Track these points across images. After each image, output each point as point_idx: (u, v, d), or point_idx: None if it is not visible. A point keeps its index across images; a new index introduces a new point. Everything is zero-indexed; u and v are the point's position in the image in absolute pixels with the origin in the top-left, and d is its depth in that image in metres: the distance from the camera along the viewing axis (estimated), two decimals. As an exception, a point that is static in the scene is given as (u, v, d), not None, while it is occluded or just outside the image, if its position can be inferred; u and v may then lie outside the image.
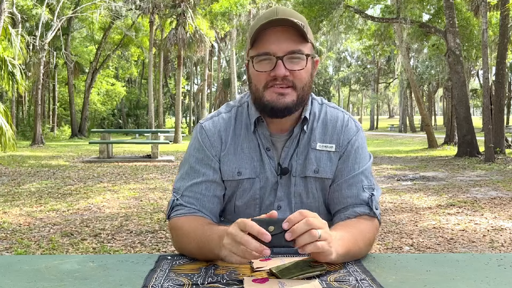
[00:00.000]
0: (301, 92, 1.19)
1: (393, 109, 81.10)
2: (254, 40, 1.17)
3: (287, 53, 1.15)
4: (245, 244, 0.91)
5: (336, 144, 1.26)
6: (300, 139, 1.26)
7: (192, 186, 1.23)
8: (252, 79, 1.21)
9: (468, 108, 13.59)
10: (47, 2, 21.32)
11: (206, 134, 1.27)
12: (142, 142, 17.11)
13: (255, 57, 1.17)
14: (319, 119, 1.28)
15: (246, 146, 1.25)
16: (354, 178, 1.24)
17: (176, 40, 22.78)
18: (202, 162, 1.25)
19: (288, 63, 1.15)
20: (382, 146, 21.39)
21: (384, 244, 4.33)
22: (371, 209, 1.22)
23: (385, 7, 17.42)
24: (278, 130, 1.26)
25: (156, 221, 5.33)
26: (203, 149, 1.26)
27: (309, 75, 1.20)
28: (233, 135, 1.27)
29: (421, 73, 30.96)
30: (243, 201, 1.26)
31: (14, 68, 11.75)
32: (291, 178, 1.25)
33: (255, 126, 1.25)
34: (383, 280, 0.94)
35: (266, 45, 1.15)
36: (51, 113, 32.38)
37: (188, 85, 44.44)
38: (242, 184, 1.25)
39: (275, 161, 1.25)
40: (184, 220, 1.19)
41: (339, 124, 1.28)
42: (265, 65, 1.16)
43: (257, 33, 1.15)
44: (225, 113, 1.31)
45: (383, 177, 9.39)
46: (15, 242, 4.39)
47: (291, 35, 1.15)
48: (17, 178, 9.31)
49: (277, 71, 1.14)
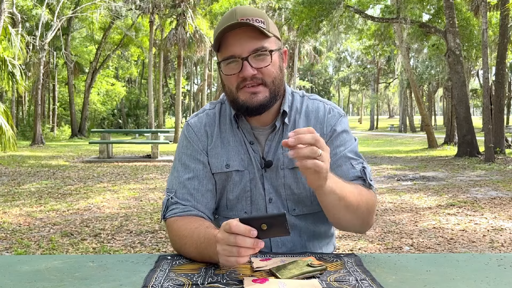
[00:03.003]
0: (272, 87, 1.20)
1: (393, 109, 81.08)
2: (219, 45, 1.19)
3: (251, 53, 1.16)
4: (240, 244, 0.92)
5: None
6: (284, 132, 1.27)
7: (184, 182, 1.25)
8: (224, 82, 1.23)
9: (468, 108, 13.59)
10: (47, 2, 21.31)
11: (192, 130, 1.30)
12: (142, 142, 17.11)
13: (222, 61, 1.19)
14: (301, 111, 1.30)
15: (232, 140, 1.28)
16: (341, 158, 1.25)
17: (176, 40, 22.78)
18: (191, 157, 1.27)
19: (254, 62, 1.16)
20: (382, 146, 21.39)
21: (384, 244, 4.33)
22: (365, 181, 1.22)
23: (385, 7, 17.41)
24: (259, 124, 1.27)
25: (156, 221, 5.33)
26: (191, 144, 1.28)
27: (278, 68, 1.21)
28: (218, 129, 1.29)
29: (421, 73, 30.93)
30: (234, 195, 1.27)
31: (14, 68, 11.75)
32: (279, 171, 1.26)
33: (236, 121, 1.27)
34: (383, 280, 0.94)
35: (229, 48, 1.17)
36: (51, 113, 32.38)
37: (188, 85, 44.46)
38: (231, 176, 1.26)
39: (259, 154, 1.27)
40: (180, 222, 1.19)
41: (321, 114, 1.29)
42: (232, 68, 1.18)
43: (219, 38, 1.17)
44: (209, 110, 1.34)
45: (383, 177, 9.39)
46: (15, 242, 4.39)
47: (252, 33, 1.16)
48: (17, 178, 9.31)
49: (245, 72, 1.16)
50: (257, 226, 0.92)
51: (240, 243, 0.92)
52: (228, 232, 0.93)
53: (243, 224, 0.92)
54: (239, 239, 0.92)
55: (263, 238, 0.94)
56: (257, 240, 0.92)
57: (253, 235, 0.91)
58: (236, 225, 0.92)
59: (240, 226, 0.92)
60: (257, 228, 0.92)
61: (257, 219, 0.93)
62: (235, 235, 0.92)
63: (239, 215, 1.25)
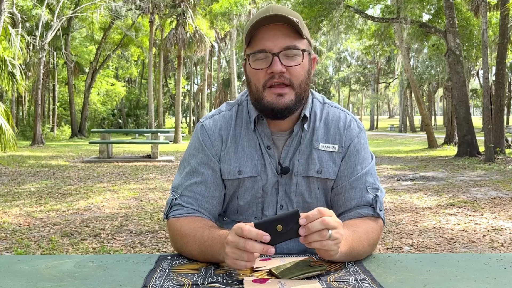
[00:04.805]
0: (298, 90, 1.18)
1: (393, 109, 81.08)
2: (250, 39, 1.17)
3: (282, 49, 1.14)
4: (249, 250, 0.91)
5: (338, 145, 1.25)
6: (302, 138, 1.25)
7: (191, 186, 1.23)
8: (250, 78, 1.20)
9: (468, 108, 13.59)
10: (47, 2, 21.31)
11: (207, 133, 1.26)
12: (142, 142, 17.11)
13: (251, 55, 1.17)
14: (321, 119, 1.27)
15: (246, 144, 1.25)
16: (357, 180, 1.23)
17: (176, 40, 22.77)
18: (202, 162, 1.24)
19: (284, 59, 1.15)
20: (382, 146, 21.39)
21: (384, 244, 4.33)
22: (375, 211, 1.21)
23: (385, 7, 17.40)
24: (278, 129, 1.25)
25: (156, 221, 5.33)
26: (203, 148, 1.25)
27: (306, 72, 1.19)
28: (233, 133, 1.26)
29: (421, 73, 30.93)
30: (245, 201, 1.25)
31: (14, 68, 11.75)
32: (292, 178, 1.24)
33: (255, 124, 1.24)
34: (383, 280, 0.94)
35: (261, 43, 1.15)
36: (51, 113, 32.38)
37: (188, 85, 44.43)
38: (244, 183, 1.24)
39: (275, 160, 1.24)
40: (183, 221, 1.18)
41: (341, 125, 1.27)
42: (261, 63, 1.16)
43: (252, 31, 1.15)
44: (225, 111, 1.30)
45: (383, 177, 9.38)
46: (15, 242, 4.39)
47: (286, 31, 1.15)
48: (17, 178, 9.31)
49: (274, 67, 1.14)
50: (272, 229, 0.91)
51: (249, 248, 0.91)
52: (239, 236, 0.92)
53: (257, 229, 0.91)
54: (248, 244, 0.91)
55: (278, 242, 0.93)
56: (268, 246, 0.91)
57: (265, 240, 0.91)
58: (249, 230, 0.91)
59: (252, 231, 0.91)
60: (272, 231, 0.91)
61: (272, 221, 0.93)
62: (245, 239, 0.91)
63: (249, 220, 1.24)
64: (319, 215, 0.93)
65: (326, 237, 0.93)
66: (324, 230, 0.93)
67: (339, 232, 0.96)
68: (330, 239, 0.94)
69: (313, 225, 0.93)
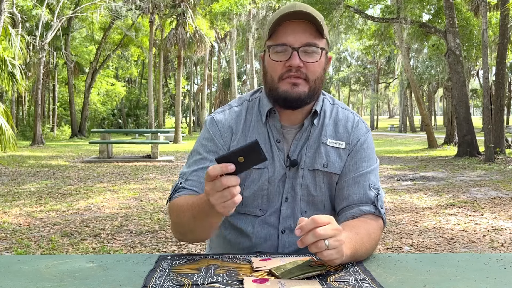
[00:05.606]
0: (313, 85, 1.21)
1: (393, 109, 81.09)
2: (272, 32, 1.20)
3: (303, 45, 1.18)
4: (227, 184, 0.93)
5: (346, 142, 1.29)
6: (311, 133, 1.28)
7: (197, 171, 1.25)
8: (267, 69, 1.24)
9: (468, 108, 13.59)
10: (47, 2, 21.31)
11: (216, 126, 1.29)
12: (142, 142, 17.11)
13: (272, 47, 1.20)
14: (331, 117, 1.31)
15: (256, 137, 1.27)
16: (361, 176, 1.26)
17: (176, 40, 22.78)
18: (211, 151, 1.27)
19: (303, 55, 1.18)
20: (382, 146, 21.38)
21: (384, 244, 4.33)
22: (377, 208, 1.23)
23: (385, 7, 17.40)
24: (289, 123, 1.28)
25: (156, 221, 5.33)
26: (213, 138, 1.28)
27: (322, 69, 1.24)
28: (243, 127, 1.29)
29: (421, 73, 30.94)
30: (250, 192, 1.27)
31: (14, 68, 11.76)
32: (299, 170, 1.26)
33: (267, 117, 1.27)
34: (383, 280, 0.94)
35: (283, 36, 1.19)
36: (51, 113, 32.39)
37: (188, 85, 44.44)
38: (251, 174, 1.26)
39: (284, 153, 1.27)
40: (180, 198, 1.20)
41: (349, 124, 1.31)
42: (280, 56, 1.19)
43: (276, 24, 1.19)
44: (236, 107, 1.34)
45: (383, 177, 9.38)
46: (15, 242, 4.39)
47: (308, 28, 1.19)
48: (17, 178, 9.31)
49: (292, 61, 1.17)
50: (234, 161, 0.94)
51: (227, 183, 0.93)
52: (212, 180, 0.94)
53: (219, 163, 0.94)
54: (224, 180, 0.93)
55: (243, 170, 0.95)
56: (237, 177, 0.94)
57: (230, 169, 0.92)
58: (213, 168, 0.94)
59: (216, 167, 0.94)
60: (235, 162, 0.93)
61: (232, 154, 0.94)
62: (218, 179, 0.93)
63: (254, 212, 1.27)
64: (312, 225, 0.93)
65: (323, 248, 0.93)
66: (320, 241, 0.93)
67: (338, 240, 0.96)
68: (329, 248, 0.94)
69: (307, 239, 0.94)
